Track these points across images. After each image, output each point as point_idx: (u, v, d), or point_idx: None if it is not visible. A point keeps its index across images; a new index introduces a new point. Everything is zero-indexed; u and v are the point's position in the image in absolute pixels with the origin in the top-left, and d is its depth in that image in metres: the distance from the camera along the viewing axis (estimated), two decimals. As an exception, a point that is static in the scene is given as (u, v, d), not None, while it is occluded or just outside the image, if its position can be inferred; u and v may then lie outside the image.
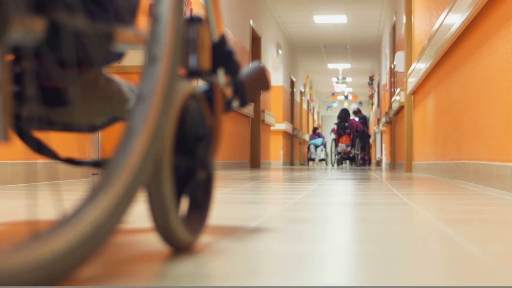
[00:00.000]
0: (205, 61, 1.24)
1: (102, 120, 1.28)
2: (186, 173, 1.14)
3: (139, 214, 1.84)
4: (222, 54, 1.39)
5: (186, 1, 7.46)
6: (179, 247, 1.10)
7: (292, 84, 19.24)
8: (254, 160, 12.71)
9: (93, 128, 1.29)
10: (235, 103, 1.43)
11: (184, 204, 1.15)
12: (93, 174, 6.07)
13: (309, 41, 17.74)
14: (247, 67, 1.47)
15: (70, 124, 1.24)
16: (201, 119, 1.18)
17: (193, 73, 1.24)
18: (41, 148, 1.28)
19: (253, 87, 1.44)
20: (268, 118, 13.95)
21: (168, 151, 1.04)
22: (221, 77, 1.38)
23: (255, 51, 12.78)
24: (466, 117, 4.65)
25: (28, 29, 0.78)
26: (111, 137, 6.22)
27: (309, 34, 16.82)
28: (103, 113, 1.26)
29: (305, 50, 19.17)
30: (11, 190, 3.27)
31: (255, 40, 12.79)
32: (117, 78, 1.29)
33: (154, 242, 1.27)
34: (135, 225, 1.58)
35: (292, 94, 19.31)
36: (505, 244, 1.30)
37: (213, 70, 1.37)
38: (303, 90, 22.43)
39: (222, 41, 1.39)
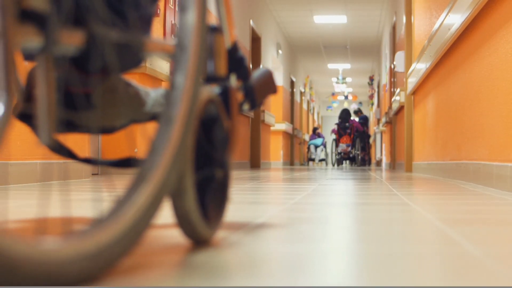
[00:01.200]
0: (222, 68, 1.34)
1: (121, 123, 1.36)
2: (205, 172, 1.23)
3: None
4: (234, 60, 1.46)
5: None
6: (199, 241, 1.20)
7: (292, 84, 19.24)
8: (254, 160, 12.71)
9: (112, 130, 1.37)
10: (246, 106, 1.51)
11: (204, 200, 1.24)
12: (93, 174, 6.08)
13: (309, 41, 17.74)
14: (255, 72, 1.54)
15: (92, 126, 1.34)
16: (219, 121, 1.26)
17: (211, 79, 1.32)
18: (59, 149, 1.36)
19: (262, 91, 1.52)
20: (268, 118, 13.95)
21: (191, 153, 1.12)
22: (233, 82, 1.45)
23: (255, 51, 12.78)
24: (466, 117, 4.65)
25: (71, 41, 0.86)
26: (110, 138, 6.22)
27: (309, 34, 16.81)
28: (122, 116, 1.34)
29: (305, 50, 19.16)
30: (12, 190, 3.27)
31: (255, 40, 12.79)
32: (134, 82, 1.35)
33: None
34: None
35: (292, 94, 19.31)
36: (505, 244, 1.30)
37: (226, 75, 1.45)
38: (303, 90, 22.43)
39: (235, 48, 1.46)
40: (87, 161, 1.38)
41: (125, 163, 1.33)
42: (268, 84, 1.53)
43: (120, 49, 0.98)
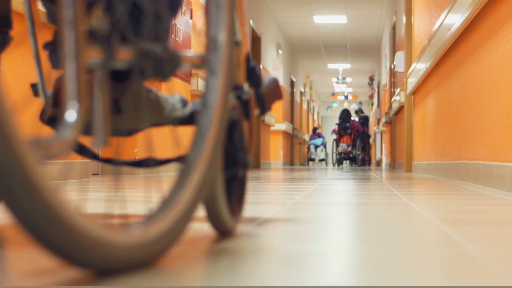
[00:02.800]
0: (241, 78, 1.49)
1: (145, 126, 1.50)
2: (231, 171, 1.40)
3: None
4: (247, 70, 1.60)
5: (186, 1, 7.46)
6: (225, 232, 1.36)
7: (292, 84, 19.24)
8: (254, 160, 12.71)
9: (135, 132, 1.52)
10: (256, 112, 1.65)
11: (229, 196, 1.40)
12: (93, 174, 6.08)
13: (309, 41, 17.74)
14: (264, 80, 1.69)
15: (121, 130, 1.49)
16: (240, 125, 1.42)
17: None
18: (82, 150, 1.56)
19: (270, 97, 1.67)
20: (268, 118, 13.95)
21: (221, 156, 1.26)
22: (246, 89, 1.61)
23: (255, 51, 12.78)
24: (466, 117, 4.65)
25: (124, 57, 0.99)
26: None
27: (309, 34, 16.81)
28: (146, 120, 1.49)
29: (305, 50, 19.16)
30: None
31: (255, 40, 12.78)
32: (154, 89, 1.48)
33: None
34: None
35: (292, 94, 19.31)
36: (505, 244, 1.31)
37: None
38: (303, 90, 22.43)
39: (247, 58, 1.60)
40: (108, 161, 1.52)
41: (143, 163, 1.47)
42: (275, 91, 1.66)
43: (158, 61, 1.11)
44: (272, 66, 15.22)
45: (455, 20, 4.65)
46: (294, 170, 9.50)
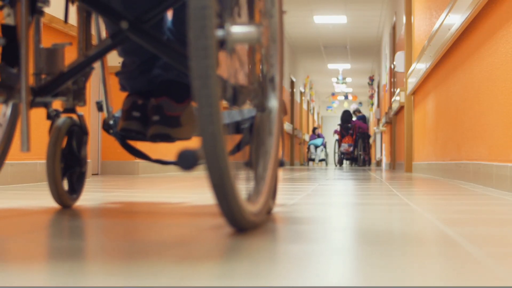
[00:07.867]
0: None
1: (194, 135, 1.89)
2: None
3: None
4: None
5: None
6: (269, 212, 1.90)
7: (292, 84, 19.23)
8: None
9: (186, 139, 1.98)
10: None
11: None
12: (93, 174, 6.09)
13: (309, 41, 17.74)
14: None
15: (180, 138, 1.95)
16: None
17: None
18: (136, 152, 2.03)
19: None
20: (268, 118, 13.91)
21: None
22: None
23: (255, 51, 12.76)
24: (466, 117, 4.65)
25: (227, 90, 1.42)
26: (110, 140, 6.22)
27: (309, 34, 16.81)
28: (196, 131, 1.89)
29: (305, 50, 19.16)
30: (15, 190, 3.27)
31: (255, 40, 12.76)
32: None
33: None
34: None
35: (292, 94, 19.31)
36: (505, 244, 1.31)
37: None
38: (303, 91, 22.43)
39: None
40: (158, 161, 2.01)
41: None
42: (283, 109, 2.00)
43: (242, 94, 1.50)
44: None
45: (455, 20, 4.65)
46: (294, 170, 9.50)
